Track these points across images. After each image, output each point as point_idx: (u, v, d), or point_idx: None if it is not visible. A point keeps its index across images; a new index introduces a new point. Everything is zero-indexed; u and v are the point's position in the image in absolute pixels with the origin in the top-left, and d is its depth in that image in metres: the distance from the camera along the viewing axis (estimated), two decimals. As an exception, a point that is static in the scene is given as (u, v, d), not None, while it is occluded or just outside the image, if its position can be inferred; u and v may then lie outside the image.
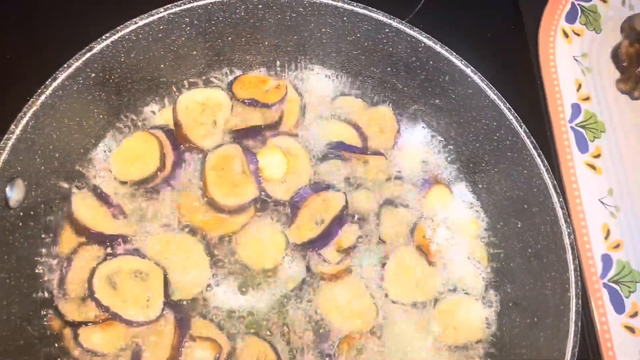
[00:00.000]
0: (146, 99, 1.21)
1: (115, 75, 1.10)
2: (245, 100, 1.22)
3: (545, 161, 1.10)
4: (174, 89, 1.23)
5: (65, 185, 1.11)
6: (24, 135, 0.96)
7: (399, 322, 1.15)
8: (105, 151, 1.17)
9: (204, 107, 1.20)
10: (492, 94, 1.13)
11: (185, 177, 1.18)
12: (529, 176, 1.13)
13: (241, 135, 1.21)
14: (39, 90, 0.97)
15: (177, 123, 1.18)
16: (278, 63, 1.28)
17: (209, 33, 1.16)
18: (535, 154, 1.10)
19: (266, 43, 1.24)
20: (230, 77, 1.28)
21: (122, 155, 1.16)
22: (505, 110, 1.12)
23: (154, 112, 1.22)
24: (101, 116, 1.14)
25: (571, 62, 1.51)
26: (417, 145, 1.30)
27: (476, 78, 1.14)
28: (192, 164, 1.20)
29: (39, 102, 0.96)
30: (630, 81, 1.45)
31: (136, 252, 1.11)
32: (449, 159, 1.29)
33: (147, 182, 1.15)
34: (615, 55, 1.50)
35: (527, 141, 1.11)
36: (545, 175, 1.09)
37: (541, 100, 1.48)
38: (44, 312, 1.04)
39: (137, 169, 1.15)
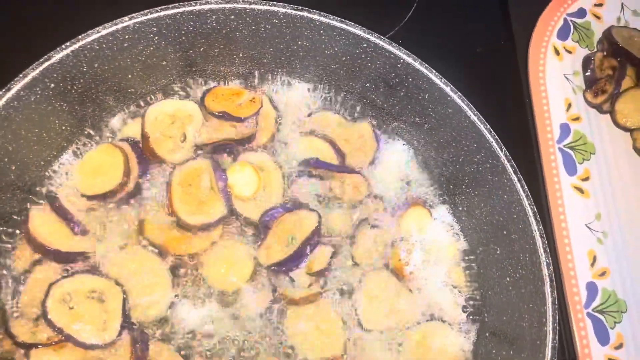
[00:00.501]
0: (113, 110, 1.17)
1: (78, 86, 1.05)
2: (217, 113, 1.17)
3: (526, 187, 1.05)
4: (143, 101, 1.18)
5: (24, 198, 1.06)
6: (-25, 147, 0.91)
7: (371, 349, 1.10)
8: (67, 164, 1.12)
9: (174, 119, 1.16)
10: (472, 114, 1.08)
11: (151, 192, 1.13)
12: (509, 201, 1.08)
13: (211, 150, 1.16)
14: (-10, 101, 0.92)
15: (144, 135, 1.14)
16: (256, 75, 1.23)
17: (179, 43, 1.12)
18: (516, 179, 1.05)
19: (241, 54, 1.19)
20: (203, 89, 1.23)
21: (86, 168, 1.12)
22: (486, 132, 1.08)
23: (122, 123, 1.17)
24: (63, 127, 1.09)
25: (562, 80, 1.46)
26: (396, 164, 1.25)
27: (456, 97, 1.09)
28: (158, 178, 1.15)
29: (-10, 114, 0.92)
30: (600, 94, 1.40)
31: (95, 270, 1.06)
32: (428, 179, 1.24)
33: (110, 197, 1.10)
34: (587, 65, 1.44)
35: (508, 165, 1.06)
36: (525, 202, 1.04)
37: (529, 119, 1.43)
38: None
39: (100, 183, 1.10)
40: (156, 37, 1.07)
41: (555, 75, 1.46)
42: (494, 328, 1.11)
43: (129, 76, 1.12)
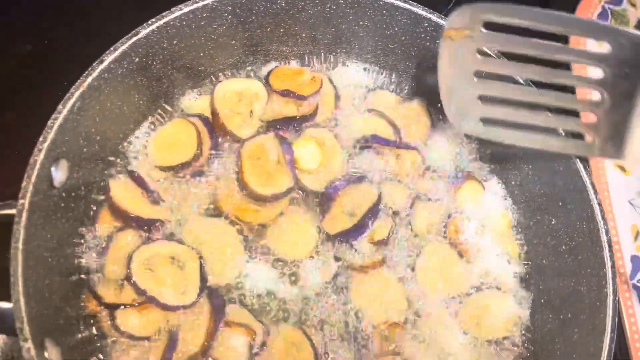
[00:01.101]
0: (184, 86, 1.22)
1: (157, 62, 1.11)
2: (282, 91, 1.22)
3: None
4: (212, 78, 1.23)
5: (104, 168, 1.11)
6: (70, 116, 0.96)
7: (432, 314, 1.15)
8: (143, 137, 1.18)
9: (241, 97, 1.21)
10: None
11: (221, 165, 1.18)
12: (565, 174, 1.13)
13: (276, 125, 1.22)
14: (86, 72, 0.98)
15: (214, 112, 1.19)
16: (314, 55, 1.29)
17: (249, 23, 1.17)
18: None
19: (303, 35, 1.25)
20: (266, 68, 1.28)
21: (160, 141, 1.17)
22: (543, 108, 1.12)
23: (191, 100, 1.23)
24: (141, 102, 1.15)
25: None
26: (450, 141, 1.30)
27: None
28: (228, 152, 1.20)
29: (85, 84, 0.97)
30: None
31: (172, 237, 1.11)
32: (482, 154, 1.29)
33: (183, 168, 1.15)
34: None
35: (565, 138, 1.11)
36: (583, 173, 1.09)
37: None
38: (82, 294, 1.04)
39: (175, 155, 1.15)
40: (230, 16, 1.13)
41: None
42: (549, 295, 1.16)
43: (201, 54, 1.18)
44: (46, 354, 0.85)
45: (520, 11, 0.91)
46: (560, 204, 1.15)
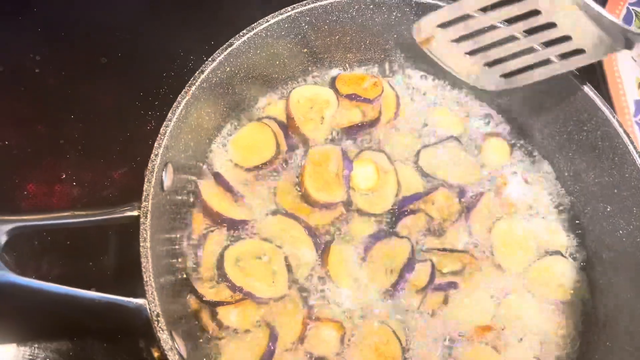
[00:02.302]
0: (259, 93, 1.29)
1: (241, 71, 1.17)
2: (348, 95, 1.30)
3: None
4: (284, 85, 1.31)
5: (195, 173, 1.18)
6: (177, 123, 1.03)
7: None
8: (222, 141, 1.24)
9: (313, 103, 1.28)
10: (588, 90, 1.22)
11: (289, 165, 1.26)
12: (620, 163, 1.21)
13: (347, 132, 1.29)
14: (189, 82, 1.04)
15: (289, 116, 1.26)
16: (376, 62, 1.37)
17: (321, 31, 1.25)
18: (628, 141, 1.19)
19: (367, 42, 1.32)
20: (329, 75, 1.36)
21: (240, 144, 1.24)
22: (599, 102, 1.22)
23: (265, 106, 1.30)
24: (224, 108, 1.21)
25: (630, 62, 1.63)
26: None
27: (571, 76, 1.23)
28: (297, 154, 1.28)
29: (190, 93, 1.03)
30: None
31: (254, 235, 1.17)
32: (531, 147, 1.38)
33: (264, 168, 1.23)
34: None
35: (620, 130, 1.20)
36: (638, 161, 1.18)
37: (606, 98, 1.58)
38: (185, 292, 1.10)
39: (255, 156, 1.23)
40: (307, 26, 1.20)
41: (625, 58, 1.63)
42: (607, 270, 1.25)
43: (277, 62, 1.25)
44: (176, 345, 0.91)
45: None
46: (615, 191, 1.24)
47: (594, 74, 1.62)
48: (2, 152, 1.27)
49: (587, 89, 1.22)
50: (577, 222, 1.32)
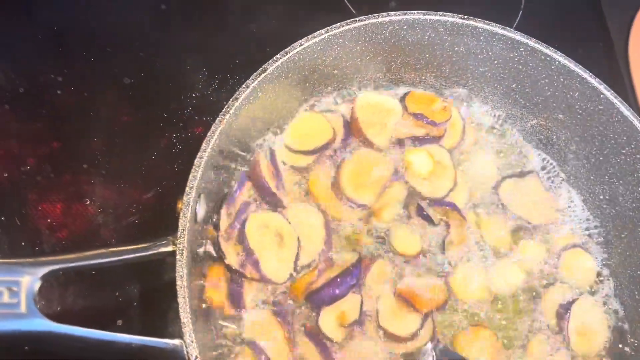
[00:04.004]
0: (328, 91, 1.31)
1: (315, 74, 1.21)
2: (415, 114, 1.28)
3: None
4: (352, 89, 1.33)
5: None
6: (212, 153, 0.99)
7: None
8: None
9: (378, 109, 1.28)
10: (625, 109, 1.19)
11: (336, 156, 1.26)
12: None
13: (412, 140, 1.28)
14: (224, 110, 1.02)
15: (353, 116, 1.26)
16: (447, 87, 1.37)
17: (397, 46, 1.26)
18: (670, 167, 1.16)
19: (444, 69, 1.32)
20: (398, 90, 1.35)
21: (296, 128, 1.25)
22: (639, 125, 1.18)
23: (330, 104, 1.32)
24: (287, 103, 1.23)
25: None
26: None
27: (609, 95, 1.20)
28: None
29: (224, 121, 1.00)
30: None
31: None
32: (566, 174, 1.35)
33: (314, 152, 1.23)
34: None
35: (661, 155, 1.17)
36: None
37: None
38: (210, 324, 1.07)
39: (309, 140, 1.23)
40: (385, 36, 1.22)
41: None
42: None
43: (348, 63, 1.25)
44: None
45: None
46: (655, 214, 1.21)
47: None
48: (23, 176, 1.23)
49: (628, 113, 1.19)
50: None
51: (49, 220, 1.18)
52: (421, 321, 1.11)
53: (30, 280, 0.78)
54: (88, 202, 1.21)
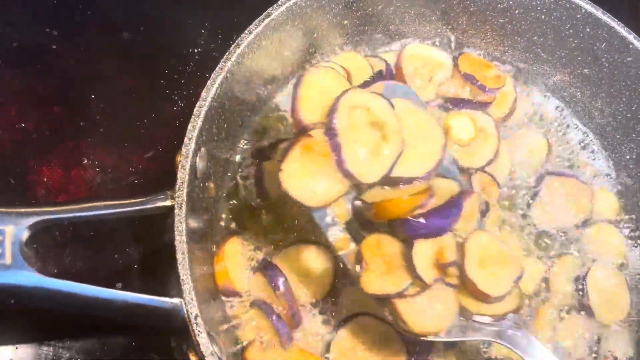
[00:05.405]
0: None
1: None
2: (465, 74, 1.21)
3: None
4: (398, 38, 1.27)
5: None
6: (211, 103, 0.93)
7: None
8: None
9: (426, 62, 1.22)
10: (658, 59, 1.11)
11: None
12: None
13: (453, 102, 1.21)
14: (224, 56, 0.95)
15: (398, 65, 1.21)
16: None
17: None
18: None
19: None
20: (454, 50, 1.29)
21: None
22: (672, 76, 1.10)
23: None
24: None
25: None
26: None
27: (638, 44, 1.11)
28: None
29: (226, 69, 0.94)
30: None
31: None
32: (590, 130, 1.27)
33: None
34: None
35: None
36: None
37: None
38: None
39: None
40: None
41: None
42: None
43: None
44: (215, 349, 0.82)
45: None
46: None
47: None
48: (20, 135, 1.17)
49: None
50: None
51: (44, 179, 1.13)
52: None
53: (15, 229, 0.73)
54: (85, 161, 1.16)
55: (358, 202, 0.88)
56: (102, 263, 1.10)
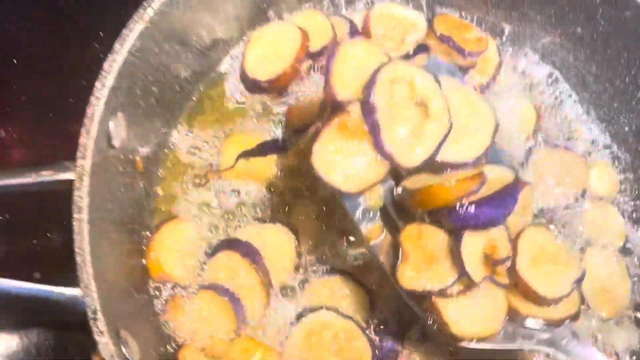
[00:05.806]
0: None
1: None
2: (441, 35, 1.09)
3: None
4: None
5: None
6: (129, 57, 0.79)
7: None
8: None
9: (397, 23, 1.11)
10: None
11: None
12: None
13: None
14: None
15: (366, 27, 1.10)
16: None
17: None
18: None
19: None
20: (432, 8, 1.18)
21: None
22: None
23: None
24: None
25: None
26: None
27: (637, -2, 0.98)
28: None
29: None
30: None
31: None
32: (584, 99, 1.15)
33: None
34: None
35: None
36: None
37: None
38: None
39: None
40: None
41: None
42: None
43: None
44: (124, 350, 0.68)
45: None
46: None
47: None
48: None
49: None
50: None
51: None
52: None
53: None
54: (3, 135, 1.03)
55: (398, 189, 0.80)
56: (19, 250, 0.96)
